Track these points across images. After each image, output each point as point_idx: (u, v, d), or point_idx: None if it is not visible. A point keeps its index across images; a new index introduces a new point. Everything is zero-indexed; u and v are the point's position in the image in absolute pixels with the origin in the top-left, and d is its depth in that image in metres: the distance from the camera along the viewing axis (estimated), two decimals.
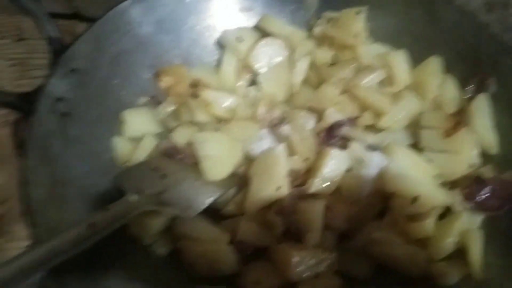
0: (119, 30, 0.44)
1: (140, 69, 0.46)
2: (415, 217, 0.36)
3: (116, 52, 0.45)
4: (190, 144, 0.41)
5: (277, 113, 0.44)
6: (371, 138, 0.40)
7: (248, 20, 0.51)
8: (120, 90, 0.45)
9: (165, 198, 0.38)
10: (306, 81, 0.47)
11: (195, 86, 0.46)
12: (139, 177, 0.39)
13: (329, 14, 0.51)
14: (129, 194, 0.36)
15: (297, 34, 0.49)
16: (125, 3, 0.44)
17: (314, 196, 0.38)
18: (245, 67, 0.48)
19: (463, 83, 0.44)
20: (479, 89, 0.43)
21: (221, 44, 0.50)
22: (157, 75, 0.47)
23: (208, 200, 0.38)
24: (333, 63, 0.48)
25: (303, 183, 0.39)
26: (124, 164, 0.42)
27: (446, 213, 0.38)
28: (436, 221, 0.37)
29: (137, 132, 0.43)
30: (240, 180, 0.41)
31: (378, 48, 0.48)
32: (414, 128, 0.42)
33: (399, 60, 0.46)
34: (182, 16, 0.48)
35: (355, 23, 0.46)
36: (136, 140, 0.43)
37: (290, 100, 0.47)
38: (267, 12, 0.51)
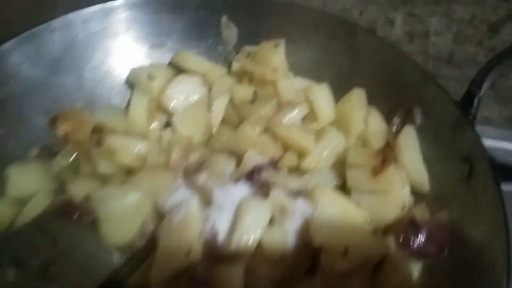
0: (4, 73, 0.38)
1: (32, 116, 0.40)
2: (348, 273, 0.32)
3: (1, 98, 0.39)
4: (88, 200, 0.35)
5: (193, 158, 0.40)
6: (295, 182, 0.36)
7: (161, 57, 0.47)
8: (6, 141, 0.38)
9: (54, 271, 0.31)
10: (225, 121, 0.43)
11: (99, 132, 0.40)
12: (22, 243, 0.32)
13: (248, 48, 0.48)
14: (4, 267, 0.29)
15: (215, 70, 0.46)
16: (5, 45, 0.38)
17: (232, 258, 0.33)
18: (158, 107, 0.43)
19: (388, 116, 0.42)
20: (405, 121, 0.41)
21: (130, 84, 0.45)
22: (53, 121, 0.41)
23: (107, 271, 0.32)
24: (253, 100, 0.44)
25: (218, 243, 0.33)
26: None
27: (382, 263, 0.34)
28: (371, 275, 0.33)
29: (24, 191, 0.36)
30: (148, 243, 0.35)
31: (299, 82, 0.45)
32: (341, 167, 0.39)
33: (321, 94, 0.43)
34: (82, 54, 0.43)
35: (274, 57, 0.43)
36: (23, 201, 0.36)
37: (208, 142, 0.42)
38: (182, 48, 0.47)
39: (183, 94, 0.44)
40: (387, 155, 0.37)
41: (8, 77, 0.39)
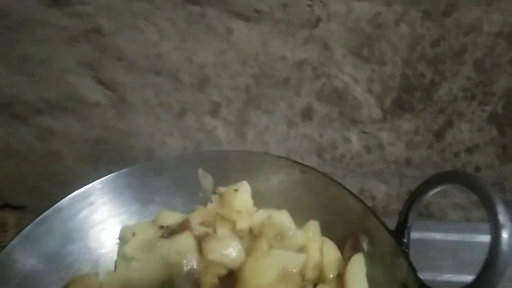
0: (24, 251, 0.48)
1: (48, 285, 0.50)
2: None
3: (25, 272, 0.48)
4: None
5: None
6: None
7: (151, 213, 0.56)
8: None
9: None
10: None
11: None
12: None
13: (221, 189, 0.57)
14: None
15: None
16: (25, 229, 0.49)
17: None
18: None
19: (341, 244, 0.49)
20: (356, 248, 0.48)
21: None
22: None
23: None
24: None
25: None
26: None
27: None
28: None
29: None
30: None
31: (261, 213, 0.53)
32: None
33: (283, 218, 0.51)
34: (85, 227, 0.53)
35: (236, 200, 0.52)
36: None
37: None
38: (168, 201, 0.57)
39: None
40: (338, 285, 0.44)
41: (28, 255, 0.49)
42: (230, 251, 0.46)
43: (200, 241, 0.48)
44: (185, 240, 0.48)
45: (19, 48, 0.64)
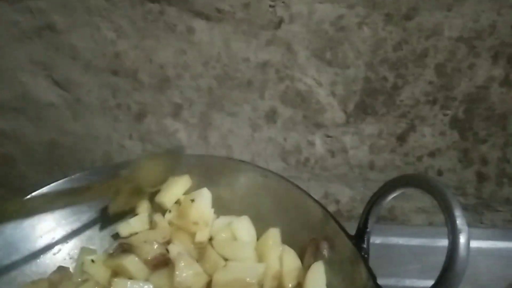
0: None
1: None
2: None
3: None
4: None
5: None
6: None
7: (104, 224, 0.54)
8: None
9: None
10: None
11: None
12: None
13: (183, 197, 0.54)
14: None
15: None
16: None
17: None
18: None
19: (301, 252, 0.48)
20: (316, 256, 0.46)
21: None
22: None
23: None
24: None
25: None
26: None
27: None
28: None
29: None
30: None
31: (222, 220, 0.51)
32: None
33: (242, 225, 0.49)
34: (32, 237, 0.50)
35: (193, 211, 0.50)
36: None
37: None
38: None
39: None
40: None
41: None
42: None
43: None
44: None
45: None
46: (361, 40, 0.56)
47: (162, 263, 0.46)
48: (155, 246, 0.47)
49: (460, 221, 0.34)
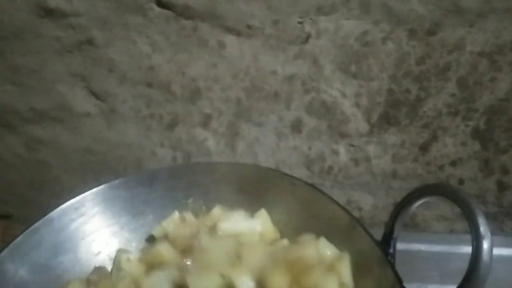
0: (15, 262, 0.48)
1: None
2: None
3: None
4: None
5: None
6: None
7: (142, 224, 0.57)
8: None
9: None
10: None
11: None
12: None
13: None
14: None
15: None
16: (17, 240, 0.48)
17: None
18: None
19: None
20: None
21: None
22: None
23: None
24: None
25: None
26: None
27: None
28: None
29: None
30: None
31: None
32: None
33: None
34: (75, 238, 0.53)
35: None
36: None
37: None
38: (159, 212, 0.57)
39: None
40: None
41: (18, 266, 0.48)
42: None
43: None
44: None
45: (10, 59, 0.64)
46: (385, 54, 0.59)
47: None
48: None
49: (483, 228, 0.37)
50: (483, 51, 0.57)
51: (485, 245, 0.36)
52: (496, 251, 0.67)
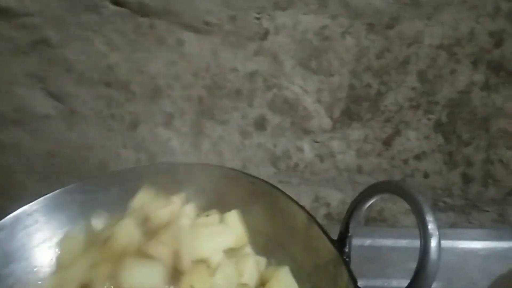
0: None
1: None
2: None
3: None
4: None
5: None
6: None
7: None
8: None
9: None
10: None
11: None
12: None
13: None
14: None
15: None
16: None
17: None
18: None
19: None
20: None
21: None
22: None
23: None
24: None
25: None
26: None
27: None
28: None
29: None
30: None
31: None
32: None
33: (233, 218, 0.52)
34: (28, 246, 0.52)
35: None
36: None
37: None
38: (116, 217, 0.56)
39: None
40: None
41: None
42: None
43: None
44: None
45: None
46: (344, 49, 0.58)
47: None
48: None
49: (431, 226, 0.36)
50: (441, 43, 0.57)
51: (433, 243, 0.36)
52: (465, 244, 0.67)
